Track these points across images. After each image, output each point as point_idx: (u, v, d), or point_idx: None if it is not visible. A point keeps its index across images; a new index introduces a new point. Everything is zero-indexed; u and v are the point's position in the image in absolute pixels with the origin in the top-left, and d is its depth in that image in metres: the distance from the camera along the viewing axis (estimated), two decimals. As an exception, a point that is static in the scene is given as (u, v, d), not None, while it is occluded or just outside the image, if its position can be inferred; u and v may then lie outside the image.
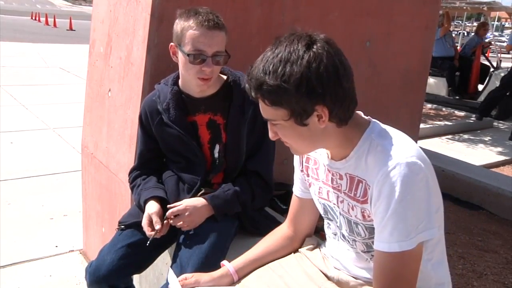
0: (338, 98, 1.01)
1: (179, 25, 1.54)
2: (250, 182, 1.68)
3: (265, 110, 1.06)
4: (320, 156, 1.23)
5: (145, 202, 1.63)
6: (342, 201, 1.17)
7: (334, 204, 1.21)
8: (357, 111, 1.13)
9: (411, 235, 1.01)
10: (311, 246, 1.41)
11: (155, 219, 1.55)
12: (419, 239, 1.02)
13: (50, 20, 20.35)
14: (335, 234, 1.28)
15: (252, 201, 1.68)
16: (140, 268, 1.71)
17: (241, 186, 1.66)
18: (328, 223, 1.30)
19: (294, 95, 0.98)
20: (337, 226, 1.24)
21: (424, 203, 1.02)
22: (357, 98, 1.07)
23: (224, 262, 1.38)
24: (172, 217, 1.55)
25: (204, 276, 1.32)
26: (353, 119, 1.09)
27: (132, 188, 1.77)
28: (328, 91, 0.99)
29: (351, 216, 1.16)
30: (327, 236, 1.35)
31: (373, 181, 1.05)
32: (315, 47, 0.99)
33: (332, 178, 1.19)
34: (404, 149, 1.03)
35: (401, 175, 0.99)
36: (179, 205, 1.56)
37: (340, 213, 1.20)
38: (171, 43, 1.60)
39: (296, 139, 1.09)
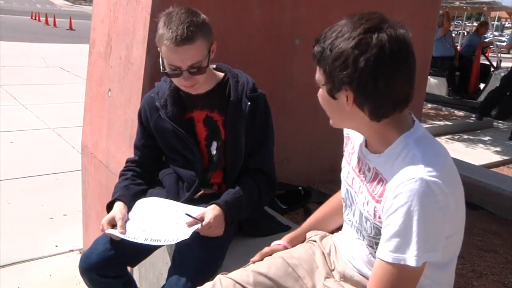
0: (366, 91, 1.01)
1: (159, 30, 1.50)
2: (256, 181, 1.66)
3: (316, 69, 1.10)
4: (358, 142, 1.24)
5: (115, 200, 1.63)
6: (361, 192, 1.18)
7: (355, 192, 1.22)
8: (407, 111, 1.11)
9: (417, 253, 0.99)
10: (323, 234, 1.44)
11: (120, 223, 1.53)
12: (424, 258, 1.00)
13: (50, 19, 20.33)
14: (350, 221, 1.29)
15: (259, 201, 1.68)
16: (134, 261, 1.70)
17: (250, 188, 1.64)
18: (346, 208, 1.31)
19: (329, 64, 1.02)
20: (353, 214, 1.25)
21: (436, 225, 1.00)
22: (401, 103, 1.05)
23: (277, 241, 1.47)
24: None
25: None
26: (394, 119, 1.07)
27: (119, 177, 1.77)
28: (358, 78, 1.00)
29: (364, 209, 1.16)
30: (344, 222, 1.35)
31: (391, 185, 1.04)
32: (375, 35, 0.98)
33: (360, 167, 1.20)
34: (432, 165, 1.00)
35: (418, 191, 0.97)
36: (201, 218, 1.51)
37: (357, 203, 1.21)
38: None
39: (327, 107, 1.13)
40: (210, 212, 1.53)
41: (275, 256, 1.37)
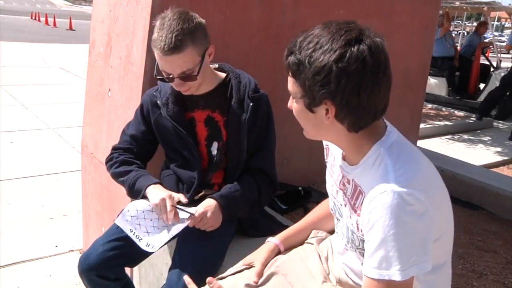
0: (349, 105, 0.99)
1: (153, 34, 1.49)
2: (255, 179, 1.66)
3: (289, 80, 1.07)
4: (338, 154, 1.22)
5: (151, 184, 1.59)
6: (345, 205, 1.17)
7: (341, 205, 1.20)
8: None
9: (400, 267, 0.97)
10: (322, 236, 1.43)
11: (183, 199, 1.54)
12: (410, 272, 0.98)
13: (50, 20, 20.33)
14: (342, 233, 1.28)
15: (259, 200, 1.68)
16: (133, 261, 1.70)
17: (249, 185, 1.64)
18: (336, 220, 1.30)
19: (309, 78, 0.98)
20: (341, 226, 1.24)
21: (418, 235, 0.97)
22: (380, 113, 1.04)
23: (269, 238, 1.43)
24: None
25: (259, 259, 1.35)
26: (369, 127, 1.06)
27: (119, 166, 1.70)
28: (341, 94, 0.97)
29: (349, 223, 1.15)
30: (335, 232, 1.35)
31: (366, 199, 1.02)
32: (355, 47, 0.95)
33: (341, 179, 1.18)
34: (403, 174, 0.99)
35: (392, 205, 0.95)
36: (194, 211, 1.52)
37: (343, 216, 1.20)
38: None
39: (303, 120, 1.10)
40: (203, 204, 1.54)
41: (271, 268, 1.35)
